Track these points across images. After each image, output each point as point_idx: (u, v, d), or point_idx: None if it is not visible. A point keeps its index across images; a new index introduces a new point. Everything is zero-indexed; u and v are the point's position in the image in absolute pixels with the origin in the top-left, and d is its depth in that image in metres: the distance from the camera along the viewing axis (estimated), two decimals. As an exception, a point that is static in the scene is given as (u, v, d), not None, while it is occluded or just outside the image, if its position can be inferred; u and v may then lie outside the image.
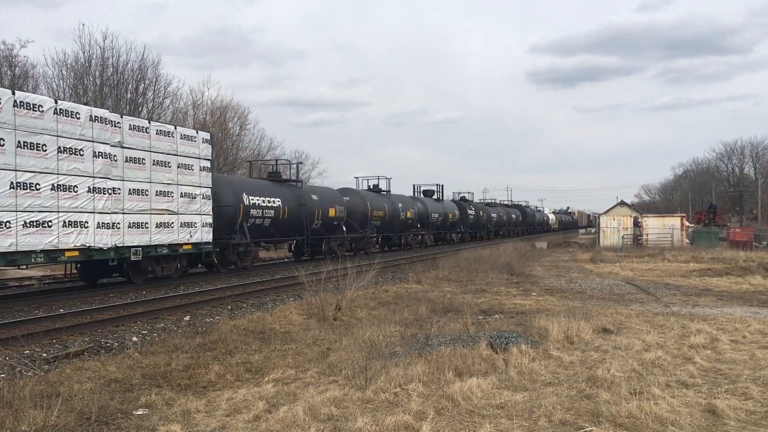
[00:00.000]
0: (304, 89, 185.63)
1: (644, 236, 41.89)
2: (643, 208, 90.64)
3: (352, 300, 12.88)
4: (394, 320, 11.07)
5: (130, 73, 39.09)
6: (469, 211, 50.84)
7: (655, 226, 42.10)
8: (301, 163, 27.53)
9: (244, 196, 21.80)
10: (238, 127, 49.00)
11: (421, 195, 43.70)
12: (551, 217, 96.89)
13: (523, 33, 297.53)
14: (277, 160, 27.94)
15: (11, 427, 5.48)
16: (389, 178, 37.79)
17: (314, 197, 27.02)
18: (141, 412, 6.15)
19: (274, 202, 23.48)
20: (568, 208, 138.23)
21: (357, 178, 36.77)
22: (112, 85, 38.32)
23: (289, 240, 26.09)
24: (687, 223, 46.30)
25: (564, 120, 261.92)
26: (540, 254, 34.32)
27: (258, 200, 22.50)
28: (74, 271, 18.23)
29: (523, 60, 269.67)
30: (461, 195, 54.25)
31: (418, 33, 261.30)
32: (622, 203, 67.51)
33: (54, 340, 9.75)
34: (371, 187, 36.68)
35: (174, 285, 17.36)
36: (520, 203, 78.62)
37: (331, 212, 28.05)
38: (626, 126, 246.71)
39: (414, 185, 44.30)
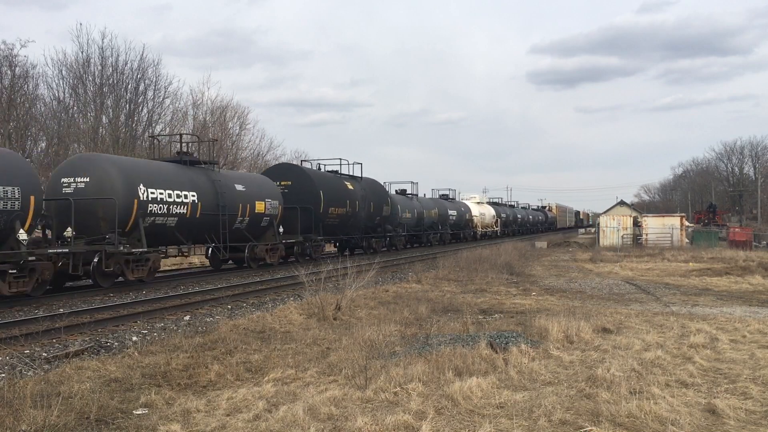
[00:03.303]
0: (307, 90, 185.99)
1: (644, 236, 41.89)
2: (642, 207, 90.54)
3: (352, 300, 12.88)
4: (394, 320, 11.07)
5: (129, 73, 39.11)
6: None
7: (654, 226, 42.11)
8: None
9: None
10: (237, 127, 49.06)
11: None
12: (482, 213, 52.69)
13: (525, 34, 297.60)
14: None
15: (11, 426, 5.48)
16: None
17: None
18: (141, 412, 6.15)
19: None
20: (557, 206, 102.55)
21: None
22: (111, 85, 38.31)
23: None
24: (687, 223, 46.30)
25: (565, 120, 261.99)
26: (540, 254, 34.37)
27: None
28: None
29: (524, 61, 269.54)
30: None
31: (421, 35, 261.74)
32: (622, 203, 67.60)
33: (54, 340, 9.75)
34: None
35: (174, 284, 17.38)
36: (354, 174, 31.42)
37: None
38: (627, 126, 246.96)
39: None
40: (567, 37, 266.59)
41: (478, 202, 56.17)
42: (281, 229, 23.55)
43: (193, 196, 18.70)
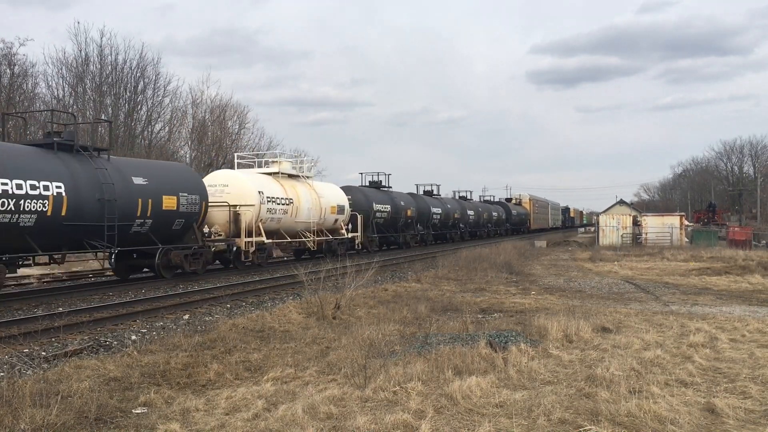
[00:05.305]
0: (309, 89, 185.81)
1: (643, 235, 41.91)
2: (642, 207, 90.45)
3: (352, 299, 12.88)
4: (394, 319, 11.07)
5: (129, 72, 39.10)
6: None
7: (654, 225, 42.13)
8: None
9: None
10: (237, 126, 49.06)
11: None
12: (283, 199, 23.06)
13: (525, 34, 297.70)
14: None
15: (10, 425, 5.47)
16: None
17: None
18: (140, 411, 6.15)
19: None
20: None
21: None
22: (111, 84, 38.31)
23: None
24: (686, 222, 46.33)
25: (565, 120, 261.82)
26: (539, 253, 34.37)
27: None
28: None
29: (524, 60, 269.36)
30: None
31: (423, 34, 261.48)
32: (622, 202, 67.47)
33: (53, 339, 9.74)
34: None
35: (173, 284, 17.36)
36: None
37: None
38: (627, 126, 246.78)
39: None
40: (567, 37, 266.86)
41: (291, 175, 25.50)
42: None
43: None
